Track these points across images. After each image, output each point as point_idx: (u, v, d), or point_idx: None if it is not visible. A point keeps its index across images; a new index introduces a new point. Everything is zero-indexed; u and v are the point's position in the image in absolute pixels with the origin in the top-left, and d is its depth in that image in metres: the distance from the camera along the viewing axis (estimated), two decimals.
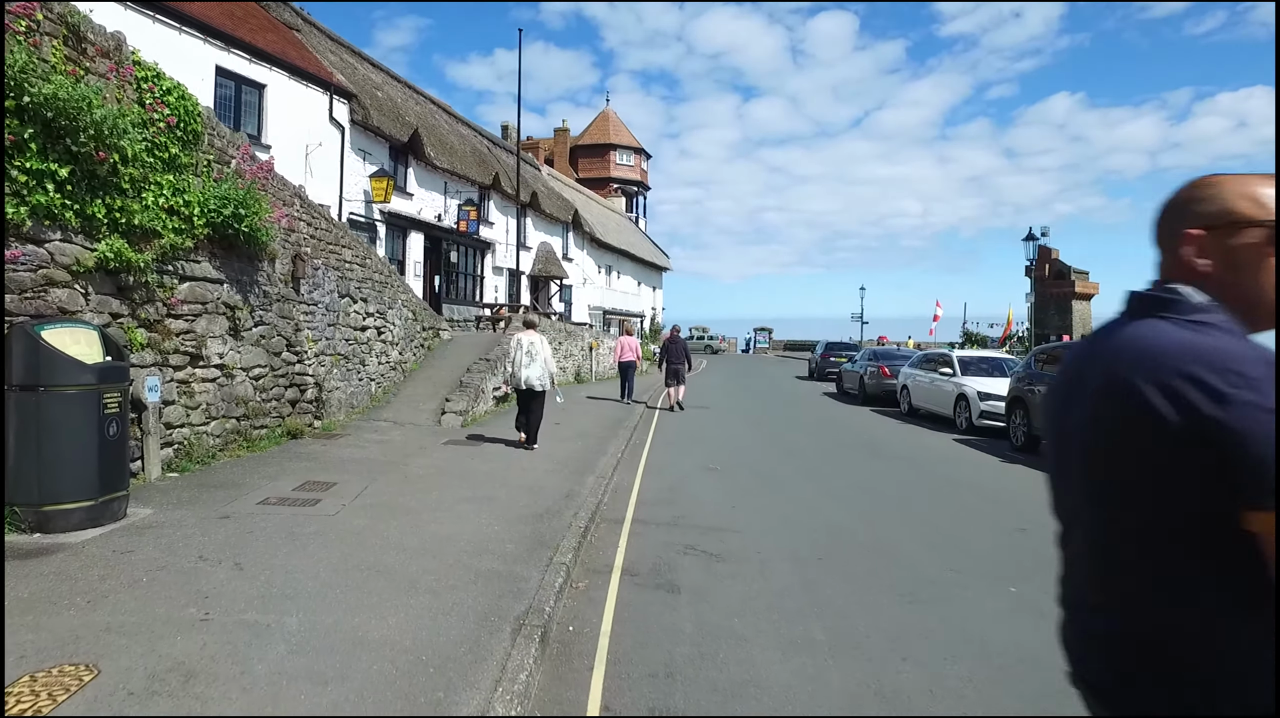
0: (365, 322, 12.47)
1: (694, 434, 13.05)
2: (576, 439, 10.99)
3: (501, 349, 15.14)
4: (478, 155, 24.62)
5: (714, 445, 11.71)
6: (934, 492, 8.54)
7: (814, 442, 12.60)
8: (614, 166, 50.40)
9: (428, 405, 12.47)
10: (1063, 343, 13.30)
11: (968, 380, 15.00)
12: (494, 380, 14.12)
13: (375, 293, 12.91)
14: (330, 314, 11.12)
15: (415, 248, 21.03)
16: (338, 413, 11.22)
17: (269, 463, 7.92)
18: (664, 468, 9.52)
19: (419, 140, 20.36)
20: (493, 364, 14.11)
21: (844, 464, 10.33)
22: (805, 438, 13.08)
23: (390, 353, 13.60)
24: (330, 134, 17.18)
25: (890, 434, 14.08)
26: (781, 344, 68.24)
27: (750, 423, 15.28)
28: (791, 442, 12.51)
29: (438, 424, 11.56)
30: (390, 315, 13.59)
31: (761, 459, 10.52)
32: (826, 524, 6.85)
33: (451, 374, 14.23)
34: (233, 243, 8.25)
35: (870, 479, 9.20)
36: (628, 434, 12.07)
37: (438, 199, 22.19)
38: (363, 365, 12.31)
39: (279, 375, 9.42)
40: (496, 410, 13.98)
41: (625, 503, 7.45)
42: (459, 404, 11.97)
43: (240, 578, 4.34)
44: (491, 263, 25.60)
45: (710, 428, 14.08)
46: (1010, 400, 12.73)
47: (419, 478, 7.60)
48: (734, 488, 8.40)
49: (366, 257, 12.63)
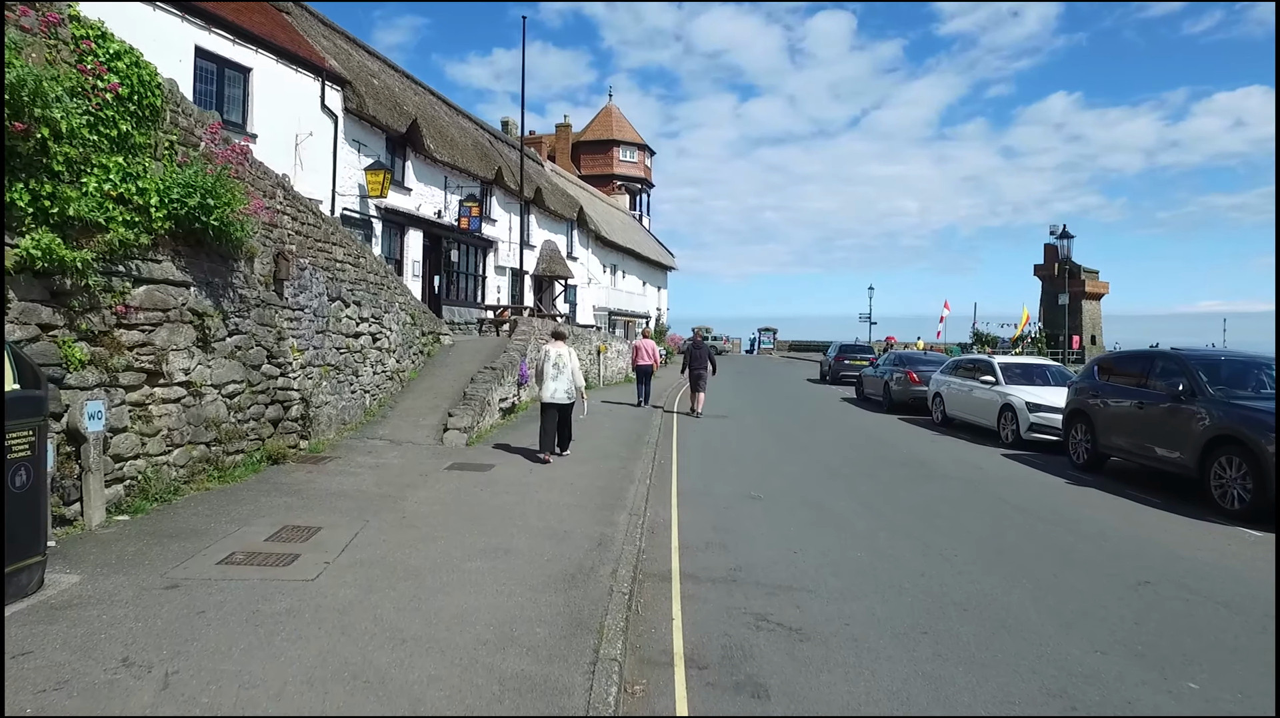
0: (359, 328, 11.26)
1: (720, 449, 11.85)
2: (598, 460, 9.78)
3: (508, 357, 13.95)
4: (479, 149, 23.41)
5: (747, 465, 10.51)
6: (1012, 525, 7.34)
7: (852, 458, 11.41)
8: (617, 163, 49.18)
9: (428, 420, 11.25)
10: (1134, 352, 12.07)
11: (1013, 390, 13.81)
12: (501, 390, 12.91)
13: (370, 296, 11.70)
14: (319, 320, 9.91)
15: (414, 246, 19.81)
16: (327, 431, 10.01)
17: (243, 499, 6.70)
18: (700, 496, 8.31)
19: (418, 132, 19.14)
20: (499, 373, 12.91)
21: (896, 488, 9.14)
22: (841, 453, 11.89)
23: (387, 361, 12.39)
24: (322, 123, 15.96)
25: (931, 448, 12.89)
26: (787, 345, 67.08)
27: (776, 434, 14.08)
28: (828, 458, 11.31)
29: (439, 443, 10.35)
30: (387, 320, 12.38)
31: (804, 482, 9.33)
32: (910, 576, 5.65)
33: (454, 384, 13.02)
34: (201, 239, 7.04)
35: (933, 508, 8.01)
36: (651, 452, 10.86)
37: (438, 195, 20.97)
38: (356, 376, 11.10)
39: (258, 392, 8.21)
40: (504, 424, 12.78)
41: (667, 548, 6.24)
42: (463, 419, 10.76)
43: (168, 704, 3.12)
44: (494, 262, 24.39)
45: (735, 441, 12.89)
46: (1069, 413, 11.54)
47: (420, 518, 6.39)
48: (786, 523, 7.19)
49: (360, 255, 11.42)
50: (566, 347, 9.80)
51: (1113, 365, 11.16)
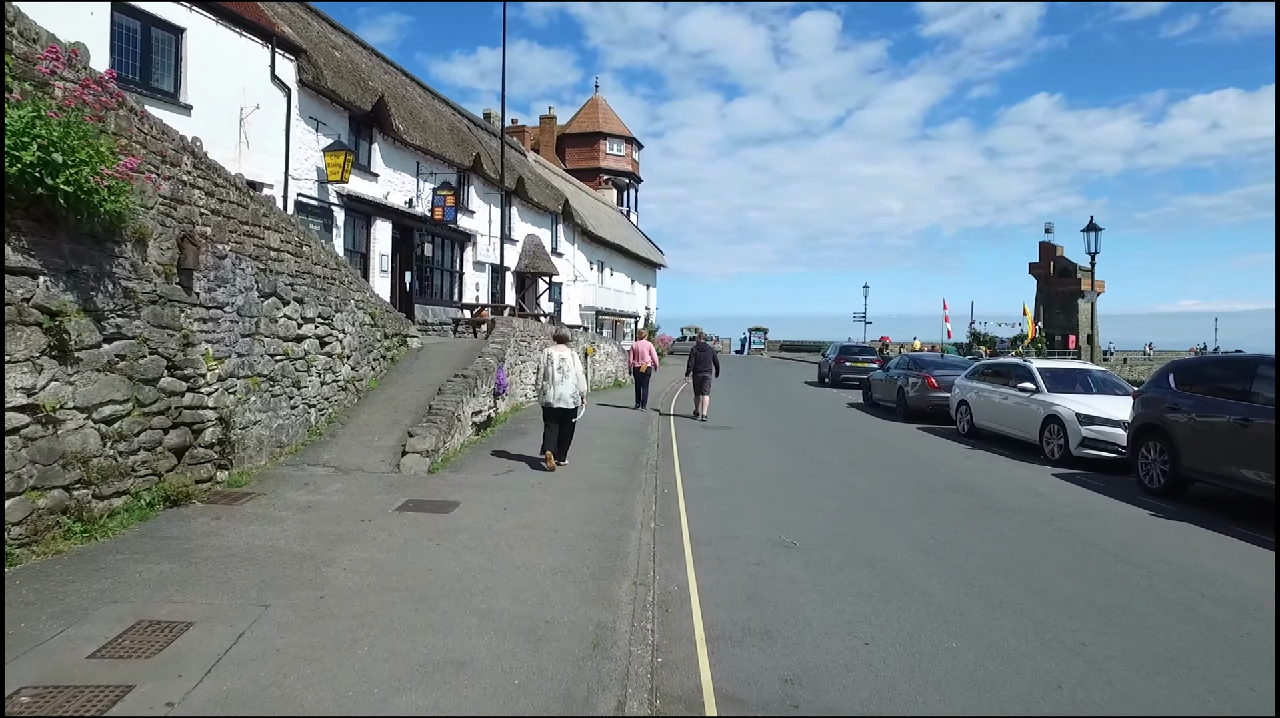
0: (301, 329, 9.40)
1: (733, 472, 10.10)
2: (591, 492, 7.99)
3: (483, 362, 12.12)
4: (456, 134, 21.52)
5: (767, 493, 8.76)
6: (1127, 587, 5.63)
7: (888, 482, 9.69)
8: (604, 157, 47.34)
9: (385, 440, 9.42)
10: (1226, 358, 10.36)
11: (1059, 399, 12.16)
12: (474, 402, 11.09)
13: (317, 292, 9.84)
14: (245, 321, 8.06)
15: (382, 238, 17.91)
16: (256, 457, 8.16)
17: (102, 567, 4.86)
18: (719, 544, 6.55)
19: (385, 111, 17.24)
20: (472, 382, 11.07)
21: (957, 527, 7.42)
22: (871, 475, 10.17)
23: (339, 369, 10.54)
24: (272, 97, 14.04)
25: (970, 467, 11.21)
26: (778, 345, 65.55)
27: (791, 451, 12.35)
28: (860, 483, 9.58)
29: (395, 470, 8.52)
30: (338, 320, 10.52)
31: (841, 519, 7.59)
32: (1041, 687, 3.91)
33: (419, 395, 11.18)
34: (52, 211, 5.19)
35: (1018, 560, 6.28)
36: (653, 477, 9.10)
37: (409, 182, 19.08)
38: (297, 388, 9.24)
39: (152, 413, 6.36)
40: (478, 441, 10.95)
41: (690, 642, 4.46)
42: (425, 440, 8.93)
43: None
44: (472, 257, 22.50)
45: (747, 459, 11.14)
46: (1139, 429, 9.89)
47: (344, 599, 4.57)
48: (841, 590, 5.44)
49: (303, 244, 9.56)
50: (570, 350, 9.46)
51: (1197, 374, 9.49)
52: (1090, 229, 18.45)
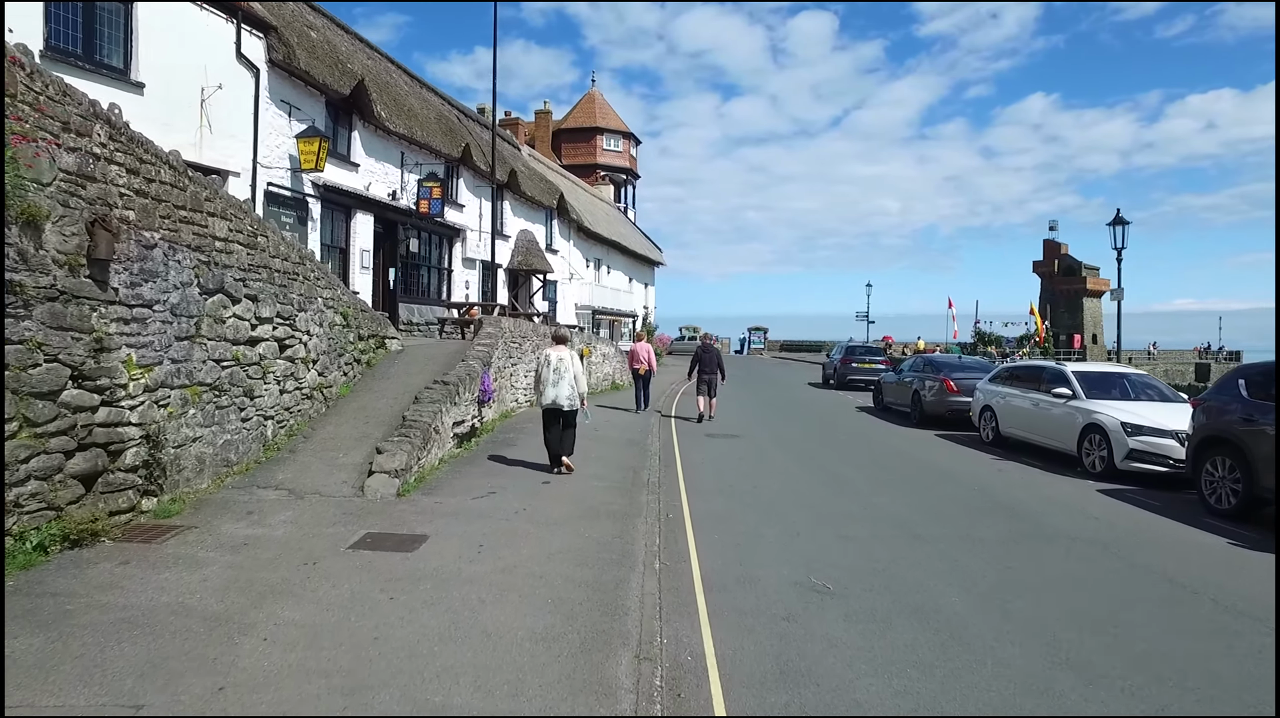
0: (256, 331, 8.27)
1: (744, 490, 8.98)
2: (581, 521, 6.86)
3: (466, 366, 10.99)
4: (444, 123, 20.37)
5: (786, 517, 7.63)
6: (1251, 650, 4.52)
7: (921, 503, 8.58)
8: (601, 152, 46.16)
9: (351, 456, 8.29)
10: None
11: (1100, 406, 11.07)
12: (455, 411, 9.96)
13: (275, 288, 8.71)
14: (182, 321, 6.92)
15: (363, 233, 16.76)
16: (197, 479, 7.03)
17: None
18: (739, 590, 5.42)
19: (365, 95, 16.08)
20: (453, 389, 9.93)
21: (1010, 559, 6.31)
22: (899, 493, 9.05)
23: (303, 375, 9.40)
24: (238, 77, 12.89)
25: (1004, 482, 10.11)
26: (778, 345, 64.47)
27: (806, 463, 11.23)
28: (889, 504, 8.47)
29: (359, 493, 7.38)
30: (302, 321, 9.39)
31: (879, 552, 6.46)
32: None
33: (394, 403, 10.05)
34: None
35: (1099, 606, 5.16)
36: (655, 499, 7.99)
37: (392, 173, 17.92)
38: (250, 398, 8.11)
39: (48, 434, 5.23)
40: (460, 455, 9.83)
41: None
42: (396, 457, 7.80)
43: None
44: (461, 253, 21.34)
45: (759, 474, 10.02)
46: (1202, 442, 8.79)
47: (249, 692, 3.43)
48: (892, 655, 4.31)
49: (258, 234, 8.42)
50: (568, 350, 9.16)
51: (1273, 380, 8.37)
52: (1117, 223, 17.34)
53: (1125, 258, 17.19)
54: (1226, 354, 71.35)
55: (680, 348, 49.90)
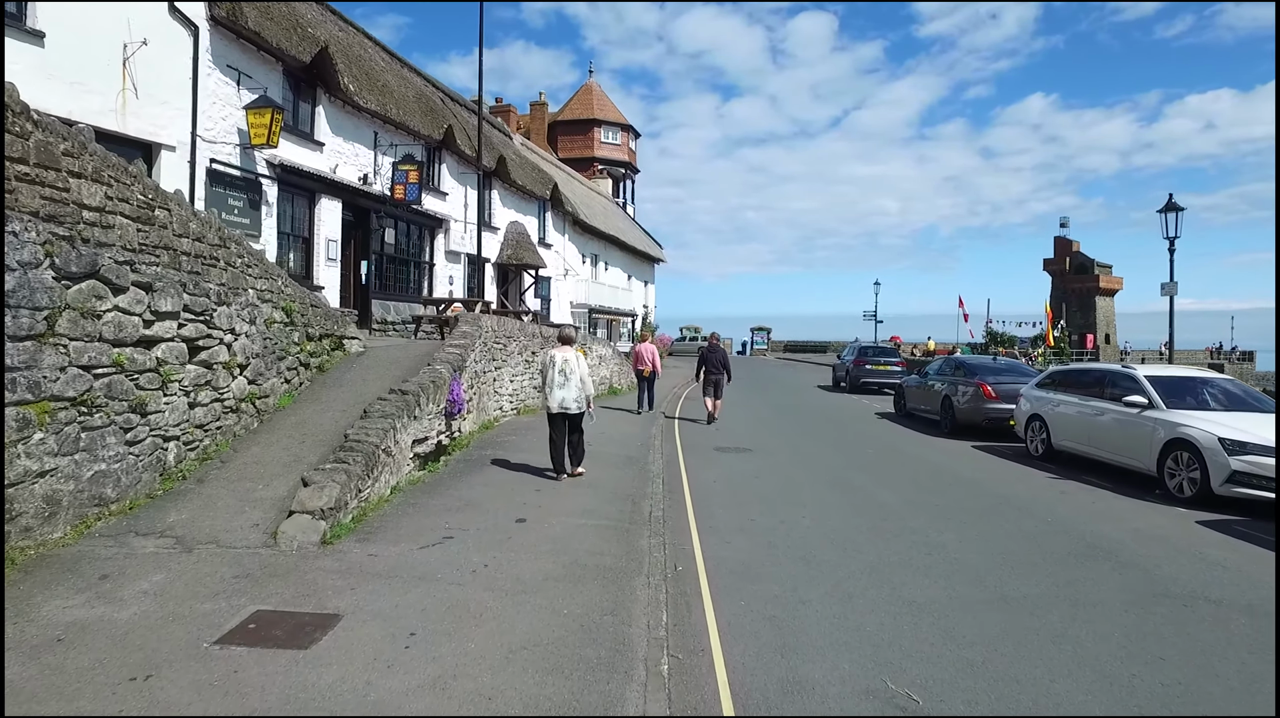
0: (152, 329, 6.49)
1: (767, 528, 7.20)
2: (561, 584, 5.06)
3: (432, 372, 9.21)
4: (425, 103, 18.58)
5: (833, 576, 5.85)
6: None
7: (988, 542, 6.81)
8: (599, 145, 44.37)
9: (272, 488, 6.52)
10: None
11: (1188, 419, 9.32)
12: (416, 427, 8.19)
13: (184, 276, 6.93)
14: (24, 315, 5.15)
15: (329, 220, 14.98)
16: (45, 526, 5.25)
17: None
18: (786, 701, 3.66)
19: (330, 65, 14.29)
20: (411, 400, 8.15)
21: (1155, 645, 4.55)
22: (962, 531, 7.29)
23: (224, 383, 7.62)
24: (173, 35, 11.10)
25: (1078, 510, 8.36)
26: (781, 345, 62.71)
27: (833, 485, 9.47)
28: (955, 548, 6.70)
29: (270, 542, 5.60)
30: (224, 317, 7.61)
31: (967, 632, 4.70)
32: None
33: (342, 417, 8.29)
34: None
35: None
36: (659, 544, 6.21)
37: (363, 154, 16.14)
38: (141, 415, 6.33)
39: None
40: (421, 479, 8.05)
41: None
42: (324, 493, 6.01)
43: None
44: (444, 246, 19.55)
45: (782, 504, 8.25)
46: None
47: None
48: None
49: (154, 205, 6.64)
50: (574, 351, 8.70)
51: None
52: (1169, 209, 15.57)
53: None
54: (1240, 354, 69.63)
55: (681, 349, 48.14)
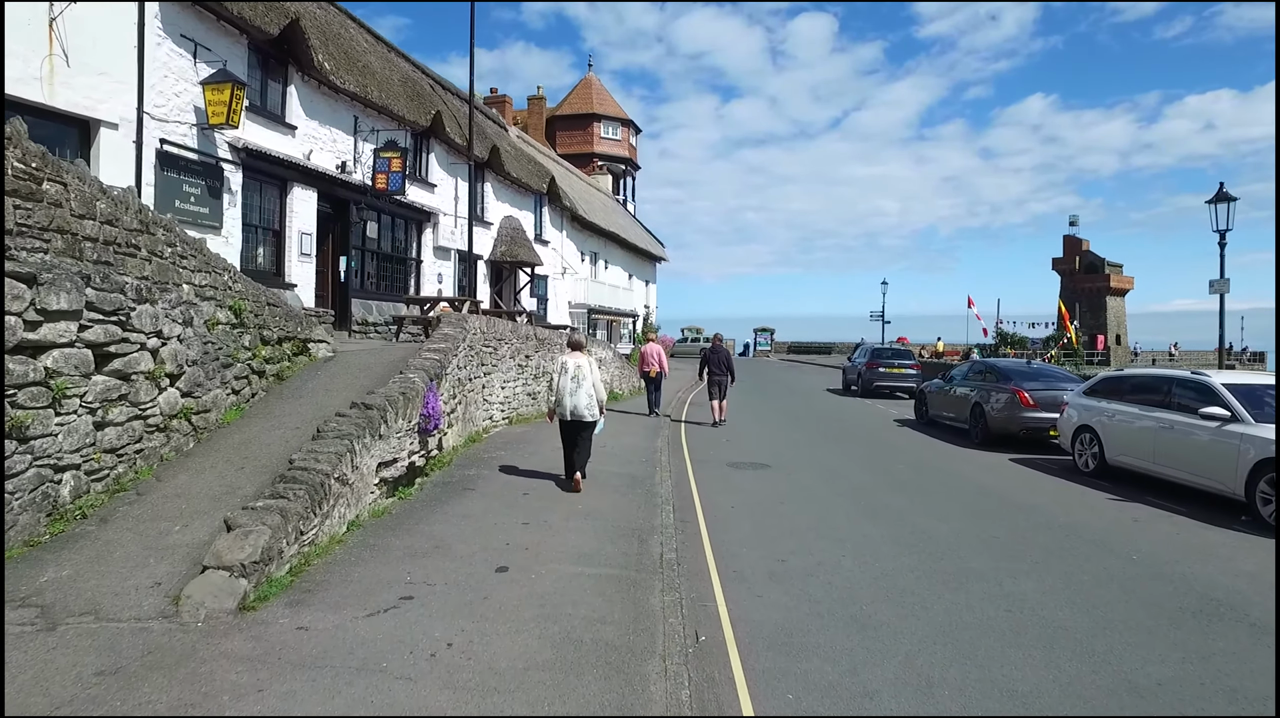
0: (39, 332, 5.17)
1: (802, 569, 5.90)
2: (541, 675, 3.73)
3: (403, 382, 7.88)
4: (411, 87, 17.28)
5: (896, 647, 4.55)
6: None
7: (1078, 595, 5.52)
8: (598, 140, 43.06)
9: (191, 532, 5.20)
10: None
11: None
12: (382, 448, 6.87)
13: (88, 267, 5.63)
14: None
15: (303, 212, 13.66)
16: None
17: None
18: None
19: (302, 40, 12.98)
20: (376, 416, 6.83)
21: None
22: (1039, 579, 5.98)
23: (146, 397, 6.31)
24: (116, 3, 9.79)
25: (1165, 544, 7.07)
26: (785, 347, 61.40)
27: (870, 512, 8.16)
28: (1043, 606, 5.39)
29: (173, 609, 4.29)
30: (145, 317, 6.29)
31: None
32: None
33: (295, 435, 6.99)
34: None
35: None
36: (676, 602, 4.90)
37: (342, 140, 14.83)
38: (21, 441, 5.02)
39: None
40: (387, 510, 6.73)
41: None
42: (248, 542, 4.69)
43: None
44: (433, 241, 18.24)
45: (815, 538, 6.94)
46: None
47: None
48: None
49: (41, 177, 5.32)
50: (586, 357, 8.38)
51: None
52: (1219, 199, 14.28)
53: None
54: (1250, 355, 68.34)
55: (682, 350, 46.83)
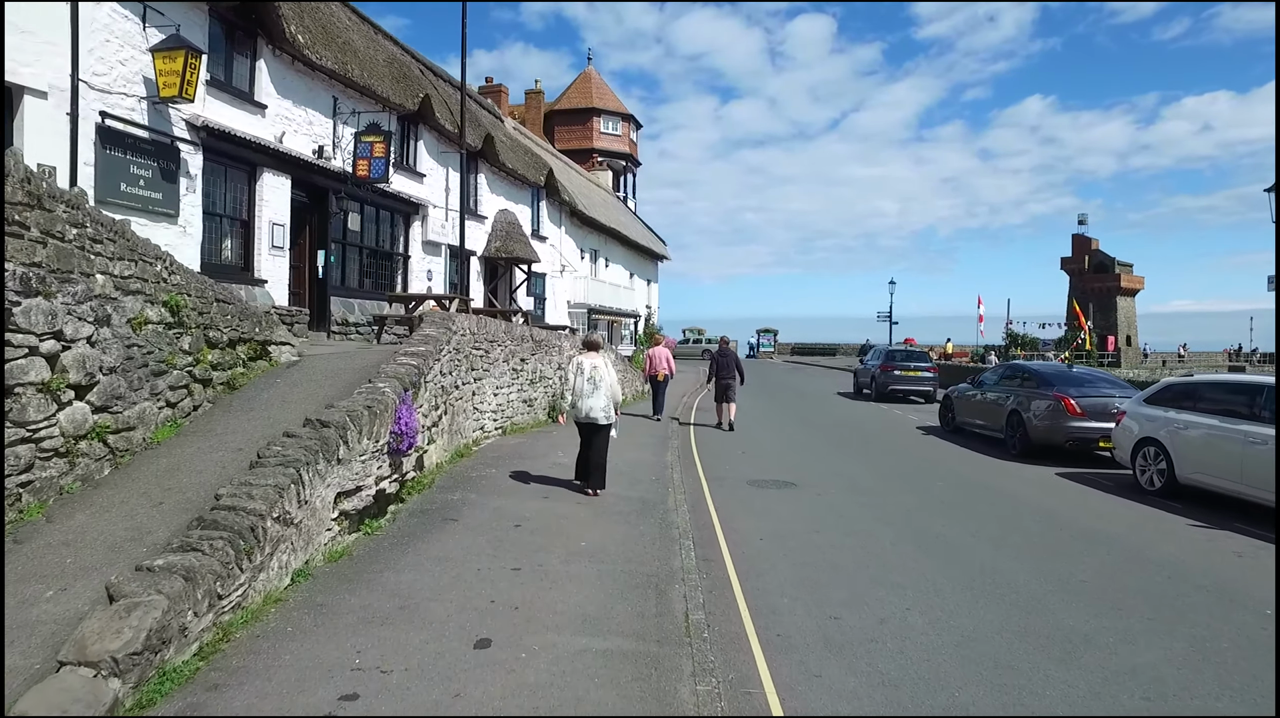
0: None
1: (861, 629, 4.64)
2: None
3: (371, 392, 6.59)
4: (397, 68, 16.00)
5: None
6: None
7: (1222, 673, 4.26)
8: (598, 135, 41.76)
9: (65, 600, 3.93)
10: None
11: None
12: (341, 475, 5.60)
13: None
14: None
15: (275, 200, 12.37)
16: None
17: None
18: None
19: (271, 9, 11.69)
20: (333, 436, 5.55)
21: None
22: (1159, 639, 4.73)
23: (39, 414, 5.03)
24: None
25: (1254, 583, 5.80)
26: (789, 348, 60.14)
27: (921, 542, 6.90)
28: (1174, 683, 4.14)
29: None
30: (36, 314, 5.02)
31: None
32: None
33: (233, 460, 5.72)
34: None
35: None
36: (712, 688, 3.64)
37: (319, 123, 13.54)
38: None
39: None
40: (348, 552, 5.45)
41: None
42: (135, 619, 3.42)
43: None
44: (421, 235, 16.94)
45: (866, 579, 5.68)
46: None
47: None
48: None
49: None
50: (602, 358, 7.96)
51: None
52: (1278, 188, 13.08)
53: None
54: (1260, 356, 67.13)
55: (683, 351, 45.59)
